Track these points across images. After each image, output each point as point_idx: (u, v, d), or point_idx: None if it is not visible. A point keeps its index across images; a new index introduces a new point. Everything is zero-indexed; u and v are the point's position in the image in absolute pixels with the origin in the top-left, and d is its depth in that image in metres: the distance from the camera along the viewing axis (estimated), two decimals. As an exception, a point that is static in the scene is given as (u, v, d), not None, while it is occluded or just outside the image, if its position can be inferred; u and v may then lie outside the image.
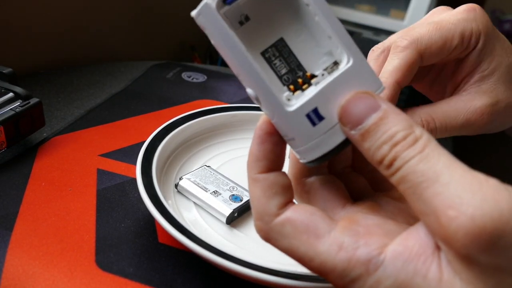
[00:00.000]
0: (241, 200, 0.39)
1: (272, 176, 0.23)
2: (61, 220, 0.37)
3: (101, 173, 0.43)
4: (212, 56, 1.08)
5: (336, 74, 0.22)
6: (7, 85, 0.46)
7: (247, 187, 0.41)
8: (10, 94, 0.45)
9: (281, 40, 0.23)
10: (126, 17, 0.83)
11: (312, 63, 0.23)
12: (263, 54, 0.23)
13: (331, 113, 0.22)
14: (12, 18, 0.61)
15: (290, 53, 0.23)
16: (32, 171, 0.42)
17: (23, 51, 0.65)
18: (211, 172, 0.42)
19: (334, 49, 0.23)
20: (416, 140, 0.20)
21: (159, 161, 0.40)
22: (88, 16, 0.74)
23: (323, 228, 0.21)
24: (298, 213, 0.22)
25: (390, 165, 0.20)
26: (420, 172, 0.19)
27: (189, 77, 0.70)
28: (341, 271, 0.20)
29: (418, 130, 0.20)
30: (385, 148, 0.20)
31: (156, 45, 0.95)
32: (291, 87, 0.23)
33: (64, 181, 0.42)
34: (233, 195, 0.39)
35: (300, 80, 0.23)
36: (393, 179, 0.20)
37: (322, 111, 0.22)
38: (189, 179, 0.40)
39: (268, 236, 0.23)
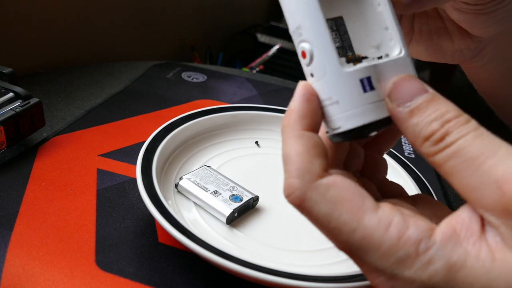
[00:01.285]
0: (241, 200, 0.39)
1: (316, 136, 0.22)
2: (61, 220, 0.37)
3: (101, 173, 0.43)
4: (212, 56, 1.08)
5: (387, 59, 0.22)
6: (7, 85, 0.46)
7: (247, 187, 0.42)
8: (10, 94, 0.45)
9: (341, 18, 0.24)
10: (126, 17, 0.83)
11: (361, 50, 0.24)
12: None
13: (380, 88, 0.22)
14: (12, 18, 0.61)
15: (346, 32, 0.24)
16: (32, 171, 0.42)
17: (23, 51, 0.65)
18: (211, 172, 0.42)
19: (387, 41, 0.23)
20: (468, 120, 0.20)
21: (159, 161, 0.40)
22: (88, 16, 0.74)
23: (370, 204, 0.20)
24: (346, 181, 0.21)
25: (441, 139, 0.20)
26: (478, 146, 0.19)
27: (189, 77, 0.70)
28: (389, 248, 0.19)
29: (467, 115, 0.20)
30: (436, 124, 0.20)
31: (156, 45, 0.95)
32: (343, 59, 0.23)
33: (64, 181, 0.42)
34: (233, 195, 0.39)
35: (350, 57, 0.23)
36: (441, 155, 0.20)
37: (374, 82, 0.22)
38: (189, 179, 0.40)
39: (305, 196, 0.20)
